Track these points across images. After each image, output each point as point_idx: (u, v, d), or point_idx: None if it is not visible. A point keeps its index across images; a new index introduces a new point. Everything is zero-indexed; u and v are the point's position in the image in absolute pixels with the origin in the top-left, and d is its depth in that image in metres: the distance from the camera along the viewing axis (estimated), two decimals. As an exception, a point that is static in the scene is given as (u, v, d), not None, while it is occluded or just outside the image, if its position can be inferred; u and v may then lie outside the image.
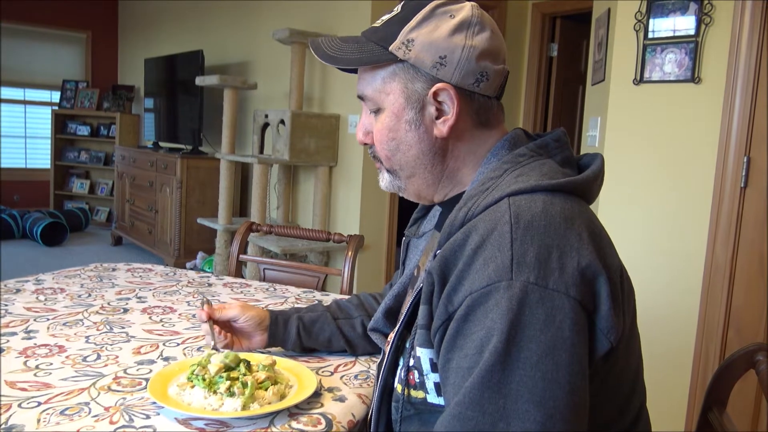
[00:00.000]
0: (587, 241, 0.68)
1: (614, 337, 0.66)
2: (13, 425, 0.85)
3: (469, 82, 0.80)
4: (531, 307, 0.63)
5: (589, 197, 0.79)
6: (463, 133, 0.83)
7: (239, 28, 5.08)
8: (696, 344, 2.16)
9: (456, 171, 0.86)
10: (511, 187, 0.72)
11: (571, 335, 0.63)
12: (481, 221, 0.70)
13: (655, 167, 2.23)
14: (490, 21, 0.83)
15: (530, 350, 0.62)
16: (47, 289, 1.52)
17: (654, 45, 2.18)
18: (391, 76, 0.82)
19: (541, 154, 0.80)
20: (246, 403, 0.92)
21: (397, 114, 0.83)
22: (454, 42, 0.79)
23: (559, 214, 0.69)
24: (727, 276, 2.08)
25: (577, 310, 0.64)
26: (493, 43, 0.81)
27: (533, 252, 0.65)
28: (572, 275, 0.64)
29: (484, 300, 0.64)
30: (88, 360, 1.10)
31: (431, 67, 0.80)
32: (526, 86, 4.41)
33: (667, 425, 2.23)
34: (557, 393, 0.61)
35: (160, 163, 5.04)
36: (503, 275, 0.64)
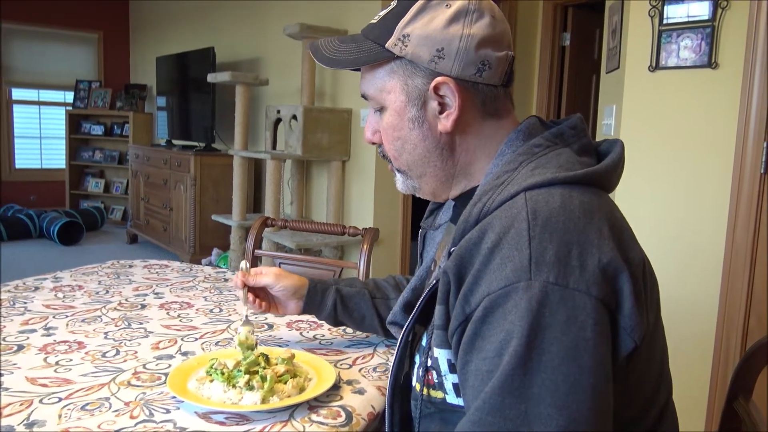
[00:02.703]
0: (608, 236, 0.65)
1: (638, 336, 0.64)
2: (35, 421, 0.85)
3: (471, 72, 0.77)
4: (551, 308, 0.60)
5: (609, 187, 0.76)
6: (470, 125, 0.80)
7: (250, 24, 5.08)
8: (717, 332, 2.14)
9: (468, 165, 0.83)
10: (528, 180, 0.69)
11: (593, 336, 0.60)
12: (496, 218, 0.67)
13: (673, 154, 2.21)
14: (490, 6, 0.80)
15: (552, 353, 0.60)
16: (65, 287, 1.53)
17: (669, 31, 2.15)
18: (390, 74, 0.80)
19: (557, 143, 0.76)
20: (265, 396, 0.92)
21: (399, 112, 0.81)
22: (451, 32, 0.76)
23: (578, 209, 0.66)
24: (747, 263, 2.05)
25: (599, 309, 0.61)
26: (494, 29, 0.78)
27: (552, 250, 0.62)
28: (593, 273, 0.62)
29: (503, 301, 0.62)
30: (108, 356, 1.10)
31: (429, 61, 0.77)
32: (538, 76, 4.37)
33: (689, 413, 2.21)
34: (580, 396, 0.59)
35: (173, 160, 5.06)
36: (522, 275, 0.62)
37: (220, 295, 1.53)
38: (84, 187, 6.96)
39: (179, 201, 4.98)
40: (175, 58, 5.58)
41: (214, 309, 1.41)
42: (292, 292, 1.14)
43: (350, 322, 1.17)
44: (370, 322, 1.17)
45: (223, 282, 1.65)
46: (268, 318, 1.37)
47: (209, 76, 4.42)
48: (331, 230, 1.93)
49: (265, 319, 1.36)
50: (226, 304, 1.45)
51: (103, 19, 7.21)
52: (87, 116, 6.96)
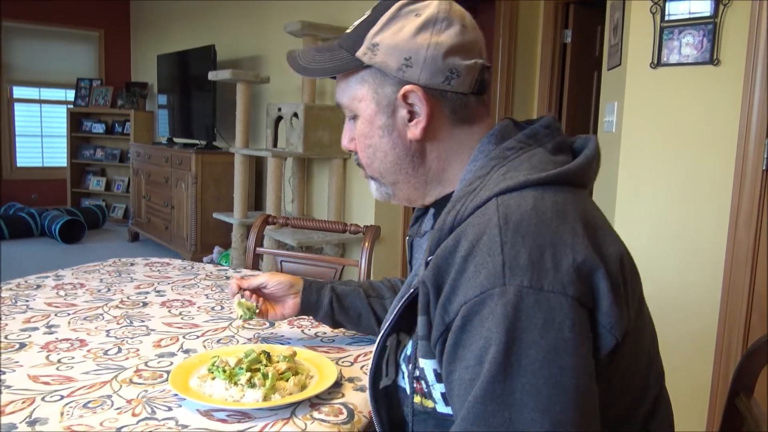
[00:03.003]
0: (582, 234, 0.65)
1: (619, 332, 0.64)
2: (37, 418, 0.85)
3: (438, 81, 0.77)
4: (528, 312, 0.60)
5: (585, 183, 0.76)
6: (440, 132, 0.80)
7: (251, 22, 5.07)
8: (718, 329, 2.14)
9: (441, 172, 0.83)
10: (499, 185, 0.69)
11: (573, 336, 0.60)
12: (470, 225, 0.67)
13: (675, 151, 2.20)
14: (461, 15, 0.80)
15: (531, 356, 0.60)
16: (67, 285, 1.53)
17: (671, 27, 2.14)
18: (360, 83, 0.81)
19: (531, 144, 0.76)
20: (267, 394, 0.92)
21: (370, 120, 0.81)
22: (418, 41, 0.77)
23: (550, 210, 0.66)
24: (749, 260, 2.05)
25: (576, 309, 0.61)
26: (463, 38, 0.78)
27: (525, 253, 0.62)
28: (568, 273, 0.62)
29: (479, 309, 0.62)
30: (110, 353, 1.10)
31: (397, 70, 0.77)
32: (540, 73, 4.37)
33: (691, 410, 2.21)
34: (563, 397, 0.59)
35: (175, 158, 5.06)
36: (496, 281, 0.62)
37: (222, 292, 1.53)
38: (85, 185, 6.97)
39: (180, 199, 4.98)
40: (176, 56, 5.58)
41: (216, 307, 1.41)
42: (288, 286, 1.16)
43: (347, 321, 1.18)
44: (366, 321, 1.17)
45: (225, 280, 1.65)
46: (269, 316, 1.37)
47: (210, 74, 4.42)
48: (332, 228, 1.93)
49: (266, 316, 1.36)
50: (227, 302, 1.45)
51: (104, 17, 7.21)
52: (88, 114, 6.96)
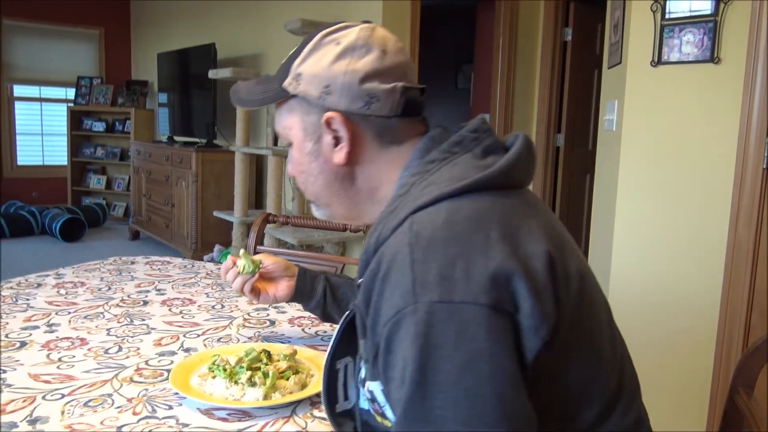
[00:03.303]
0: (497, 240, 0.65)
1: (545, 332, 0.63)
2: (38, 417, 0.86)
3: (358, 106, 0.79)
4: (440, 327, 0.60)
5: (514, 183, 0.75)
6: (367, 155, 0.82)
7: (251, 20, 5.07)
8: (719, 327, 2.14)
9: (373, 192, 0.84)
10: (416, 202, 0.70)
11: (488, 345, 0.60)
12: (387, 247, 0.68)
13: (675, 150, 2.20)
14: (382, 41, 0.81)
15: (447, 371, 0.59)
16: (68, 283, 1.53)
17: (672, 25, 2.14)
18: (290, 112, 0.84)
19: (457, 151, 0.76)
20: (267, 392, 0.92)
21: (299, 147, 0.84)
22: (336, 69, 0.79)
23: (464, 220, 0.66)
24: (749, 258, 2.05)
25: (490, 316, 0.61)
26: (382, 63, 0.80)
27: (435, 269, 0.62)
28: (480, 282, 0.61)
29: (396, 329, 0.63)
30: (110, 352, 1.10)
31: (318, 98, 0.80)
32: (540, 72, 4.36)
33: (691, 407, 2.21)
34: (485, 408, 0.59)
35: (175, 157, 5.06)
36: (408, 300, 0.62)
37: (222, 291, 1.53)
38: (86, 183, 6.97)
39: (181, 197, 4.98)
40: (176, 54, 5.58)
41: (216, 305, 1.41)
42: (283, 267, 1.17)
43: (338, 313, 1.17)
44: None
45: (225, 278, 1.65)
46: (269, 315, 1.37)
47: (210, 72, 4.42)
48: (332, 226, 1.93)
49: (267, 315, 1.36)
50: (228, 301, 1.45)
51: (105, 16, 7.20)
52: (88, 113, 6.96)
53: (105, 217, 6.48)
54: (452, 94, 7.38)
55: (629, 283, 2.34)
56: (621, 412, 0.72)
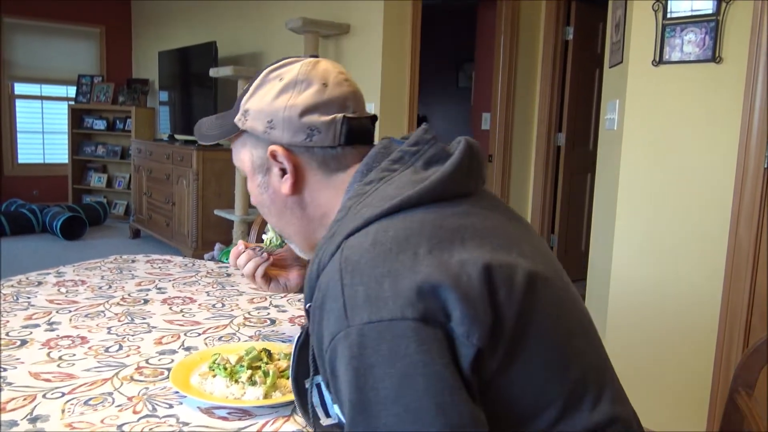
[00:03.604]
0: (424, 255, 0.65)
1: (477, 339, 0.63)
2: (38, 416, 0.86)
3: (300, 139, 0.81)
4: (372, 347, 0.61)
5: (453, 194, 0.74)
6: (313, 184, 0.84)
7: (252, 18, 5.07)
8: (719, 328, 2.14)
9: (324, 218, 0.85)
10: (349, 226, 0.71)
11: (421, 357, 0.60)
12: (324, 275, 0.69)
13: (676, 149, 2.20)
14: (323, 75, 0.84)
15: (385, 389, 0.60)
16: (68, 281, 1.54)
17: (673, 25, 2.14)
18: (242, 146, 0.88)
19: (396, 168, 0.77)
20: (268, 391, 0.92)
21: (252, 179, 0.88)
22: (277, 104, 0.82)
23: (390, 240, 0.67)
24: (750, 258, 2.05)
25: (420, 329, 0.61)
26: (321, 96, 0.82)
27: (363, 291, 0.63)
28: (406, 296, 0.62)
29: (334, 355, 0.64)
30: (111, 351, 1.10)
31: (263, 132, 0.83)
32: (541, 71, 4.36)
33: (691, 407, 2.21)
34: (425, 420, 0.59)
35: (176, 155, 5.06)
36: (341, 325, 0.63)
37: (223, 290, 1.53)
38: (86, 181, 6.97)
39: (182, 196, 4.98)
40: (177, 52, 5.57)
41: (217, 304, 1.41)
42: (296, 254, 1.15)
43: None
44: None
45: (226, 277, 1.65)
46: (270, 313, 1.37)
47: (211, 70, 4.42)
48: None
49: (267, 314, 1.36)
50: (228, 299, 1.45)
51: (106, 14, 7.20)
52: (89, 111, 6.96)
53: (106, 216, 6.48)
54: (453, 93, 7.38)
55: (630, 282, 2.34)
56: (588, 408, 0.71)
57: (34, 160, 7.12)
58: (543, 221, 4.44)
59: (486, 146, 4.42)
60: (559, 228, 4.48)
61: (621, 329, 2.35)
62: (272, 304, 1.43)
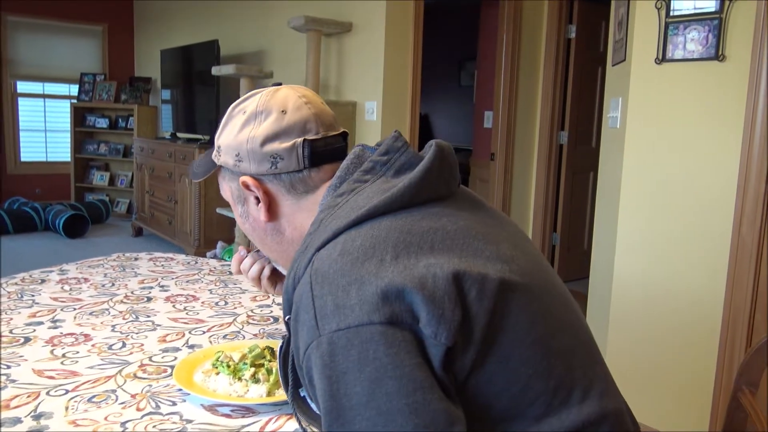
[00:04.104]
0: (389, 262, 0.66)
1: (446, 338, 0.63)
2: (42, 413, 0.86)
3: (266, 168, 0.85)
4: (342, 354, 0.63)
5: (422, 200, 0.75)
6: (286, 207, 0.87)
7: (254, 17, 5.07)
8: (722, 326, 2.13)
9: (301, 238, 0.87)
10: (320, 239, 0.73)
11: (390, 360, 0.61)
12: (298, 287, 0.71)
13: (679, 147, 2.20)
14: (282, 101, 0.86)
15: (357, 394, 0.61)
16: (71, 279, 1.54)
17: (676, 23, 2.13)
18: (222, 180, 0.94)
19: (368, 179, 0.78)
20: (271, 389, 0.93)
21: (234, 210, 0.93)
22: (240, 138, 0.86)
23: (358, 249, 0.68)
24: (753, 258, 2.04)
25: (388, 332, 0.62)
26: (279, 124, 0.85)
27: (331, 300, 0.65)
28: (372, 302, 0.63)
29: (310, 365, 0.66)
30: (114, 348, 1.11)
31: (234, 165, 0.87)
32: (543, 69, 4.35)
33: (694, 406, 2.21)
34: (398, 421, 0.60)
35: (178, 153, 5.06)
36: (313, 335, 0.65)
37: (225, 288, 1.53)
38: (89, 180, 6.97)
39: (184, 194, 4.99)
40: (180, 50, 5.57)
41: (220, 302, 1.41)
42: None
43: None
44: None
45: (229, 275, 1.65)
46: (273, 312, 1.37)
47: (213, 68, 4.41)
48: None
49: (270, 312, 1.37)
50: (231, 297, 1.45)
51: (108, 12, 7.21)
52: (92, 109, 6.97)
53: (108, 214, 6.49)
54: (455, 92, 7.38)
55: (632, 281, 2.33)
56: (576, 403, 0.71)
57: (36, 158, 7.13)
58: (545, 220, 4.43)
59: (488, 144, 4.42)
60: (562, 226, 4.48)
61: (623, 328, 2.35)
62: (275, 302, 1.43)
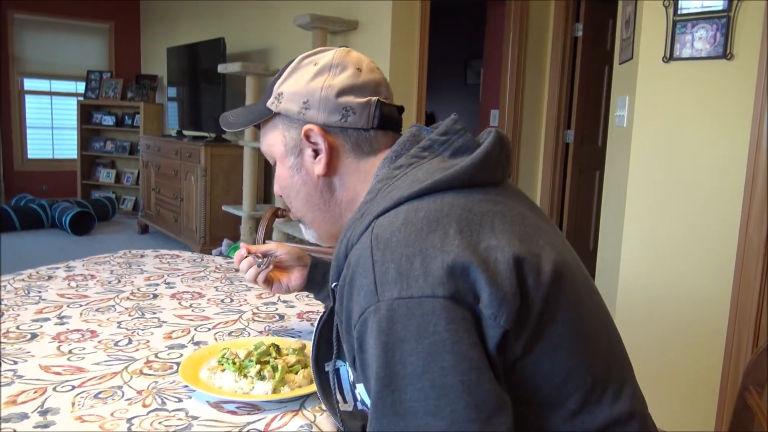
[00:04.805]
0: (454, 236, 0.66)
1: (504, 320, 0.64)
2: (48, 408, 0.86)
3: (336, 119, 0.84)
4: (402, 322, 0.62)
5: (481, 181, 0.75)
6: (345, 166, 0.86)
7: (260, 14, 5.07)
8: (729, 325, 2.13)
9: (351, 202, 0.87)
10: (379, 207, 0.73)
11: (449, 335, 0.61)
12: (354, 252, 0.71)
13: (686, 146, 2.19)
14: (357, 61, 0.88)
15: (412, 364, 0.61)
16: (78, 276, 1.54)
17: (684, 21, 2.12)
18: (272, 129, 0.90)
19: (425, 156, 0.79)
20: (276, 386, 0.93)
21: (282, 162, 0.89)
22: (314, 86, 0.85)
23: (422, 220, 0.68)
24: (761, 258, 2.03)
25: (450, 307, 0.62)
26: (356, 79, 0.85)
27: (394, 268, 0.65)
28: (437, 275, 0.63)
29: (364, 329, 0.65)
30: (120, 344, 1.11)
31: (298, 113, 0.85)
32: (550, 67, 4.34)
33: (700, 405, 2.20)
34: (452, 396, 0.60)
35: (184, 151, 5.07)
36: (371, 300, 0.65)
37: (231, 285, 1.54)
38: (95, 177, 7.00)
39: (190, 191, 5.00)
40: (186, 48, 5.59)
41: (225, 299, 1.42)
42: (296, 256, 1.19)
43: None
44: None
45: (234, 272, 1.66)
46: (278, 309, 1.37)
47: (219, 66, 4.42)
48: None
49: (276, 310, 1.37)
50: (237, 295, 1.46)
51: (115, 10, 7.23)
52: (98, 107, 6.99)
53: (114, 211, 6.51)
54: (461, 90, 7.37)
55: (639, 280, 2.33)
56: (611, 399, 0.72)
57: (43, 155, 7.16)
58: (551, 218, 4.42)
59: (494, 143, 4.40)
60: (568, 225, 4.47)
61: (629, 327, 2.34)
62: (280, 300, 1.44)
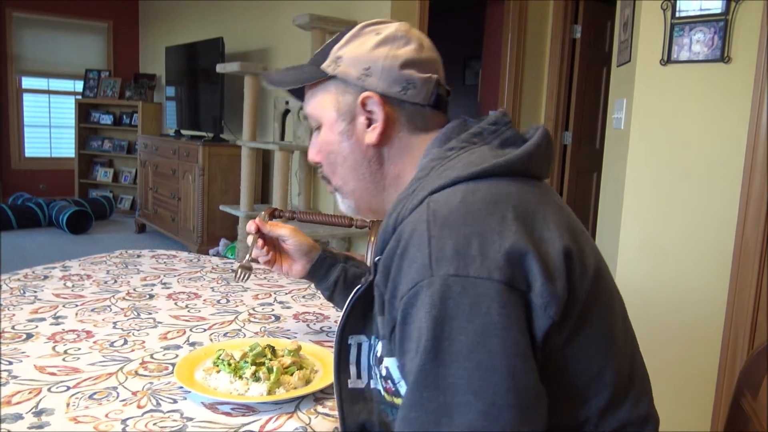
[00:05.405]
0: (511, 222, 0.67)
1: (554, 312, 0.65)
2: (43, 409, 0.86)
3: (396, 90, 0.83)
4: (455, 299, 0.63)
5: (532, 173, 0.77)
6: (397, 139, 0.85)
7: (259, 14, 5.07)
8: (725, 329, 2.13)
9: (398, 177, 0.86)
10: (434, 184, 0.73)
11: (500, 319, 0.62)
12: (406, 225, 0.71)
13: (683, 148, 2.19)
14: (419, 37, 0.87)
15: (461, 342, 0.62)
16: (74, 276, 1.54)
17: (682, 24, 2.12)
18: (324, 92, 0.87)
19: (475, 142, 0.79)
20: (272, 388, 0.92)
21: (331, 126, 0.87)
22: (377, 53, 0.83)
23: (480, 201, 0.69)
24: (757, 260, 2.04)
25: (504, 292, 0.63)
26: (419, 54, 0.84)
27: (451, 245, 0.65)
28: (495, 259, 0.64)
29: (413, 301, 0.65)
30: (116, 345, 1.11)
31: (357, 78, 0.84)
32: (548, 69, 4.35)
33: (696, 408, 2.20)
34: (495, 379, 0.60)
35: (182, 151, 5.07)
36: (424, 273, 0.65)
37: (228, 286, 1.53)
38: (93, 176, 6.99)
39: (187, 191, 4.99)
40: (184, 48, 5.58)
41: (222, 300, 1.42)
42: (306, 251, 1.16)
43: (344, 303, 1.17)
44: None
45: (231, 273, 1.65)
46: (274, 310, 1.37)
47: (218, 66, 4.42)
48: (338, 222, 1.93)
49: (272, 311, 1.37)
50: (233, 295, 1.45)
51: (113, 9, 7.22)
52: (96, 105, 6.98)
53: (111, 210, 6.51)
54: (459, 90, 7.36)
55: (635, 282, 2.33)
56: (632, 402, 0.74)
57: (41, 154, 7.15)
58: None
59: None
60: (565, 227, 4.47)
61: (626, 329, 2.34)
62: (276, 301, 1.44)
